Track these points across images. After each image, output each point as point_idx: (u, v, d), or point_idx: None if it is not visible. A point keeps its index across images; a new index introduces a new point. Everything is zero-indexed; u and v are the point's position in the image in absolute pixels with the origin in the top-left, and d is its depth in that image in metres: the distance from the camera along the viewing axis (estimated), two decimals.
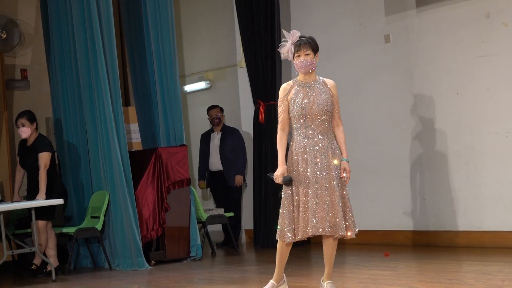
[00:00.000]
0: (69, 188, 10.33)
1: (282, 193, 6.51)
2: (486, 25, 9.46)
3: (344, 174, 6.38)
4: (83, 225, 9.89)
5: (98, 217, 9.78)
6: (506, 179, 9.25)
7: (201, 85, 13.27)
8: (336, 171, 6.34)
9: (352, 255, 9.65)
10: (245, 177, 12.12)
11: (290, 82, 6.60)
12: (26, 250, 9.42)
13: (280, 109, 6.60)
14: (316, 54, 6.51)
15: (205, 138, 11.94)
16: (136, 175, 9.97)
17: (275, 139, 11.13)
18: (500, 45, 9.33)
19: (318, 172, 6.33)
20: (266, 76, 11.44)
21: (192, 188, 10.42)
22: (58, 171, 10.12)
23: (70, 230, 9.73)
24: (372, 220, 10.49)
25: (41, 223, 9.33)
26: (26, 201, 9.58)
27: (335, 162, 6.33)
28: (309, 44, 6.47)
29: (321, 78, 6.56)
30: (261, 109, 11.45)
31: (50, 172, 9.49)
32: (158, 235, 10.00)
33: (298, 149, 6.45)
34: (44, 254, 9.44)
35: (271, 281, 6.72)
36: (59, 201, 9.24)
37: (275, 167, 11.17)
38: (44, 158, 9.42)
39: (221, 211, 11.03)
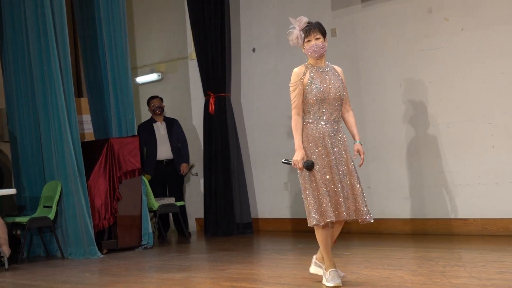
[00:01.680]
0: (21, 178, 10.24)
1: (301, 179, 6.24)
2: (429, 19, 9.52)
3: (360, 156, 6.33)
4: (35, 215, 9.75)
5: (51, 207, 9.67)
6: (447, 168, 9.33)
7: (153, 77, 13.22)
8: (351, 155, 6.25)
9: (300, 243, 9.67)
10: (192, 166, 12.08)
11: (302, 66, 6.31)
12: None
13: (294, 94, 6.23)
14: (325, 38, 6.32)
15: (146, 128, 11.62)
16: (89, 165, 9.88)
17: (225, 130, 11.28)
18: (442, 39, 9.39)
19: (339, 157, 6.18)
20: (216, 68, 11.41)
21: (143, 177, 10.36)
22: None
23: (23, 219, 9.60)
24: None
25: None
26: None
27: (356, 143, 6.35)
28: (318, 28, 6.29)
29: (332, 65, 6.39)
30: (211, 100, 11.42)
31: None
32: (110, 224, 9.93)
33: (315, 134, 6.20)
34: None
35: (328, 271, 6.23)
36: (12, 191, 9.12)
37: (225, 157, 11.29)
38: None
39: (172, 200, 10.97)
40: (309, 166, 6.13)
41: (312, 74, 6.25)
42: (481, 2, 9.06)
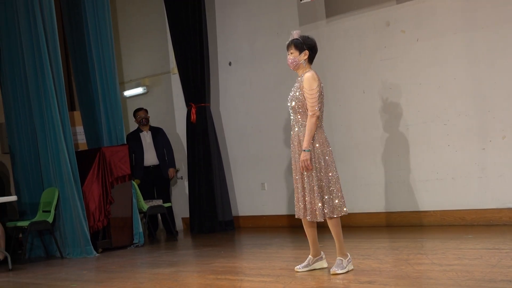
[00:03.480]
0: (22, 186, 10.18)
1: None
2: (387, 32, 9.55)
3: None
4: (35, 219, 9.69)
5: (49, 211, 9.62)
6: (407, 166, 9.36)
7: (139, 90, 13.17)
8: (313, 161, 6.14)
9: (277, 237, 9.66)
10: (177, 170, 12.06)
11: None
12: None
13: None
14: (304, 52, 6.29)
15: (134, 137, 11.60)
16: (83, 172, 9.83)
17: (206, 137, 11.28)
18: (399, 49, 9.43)
19: (296, 161, 6.22)
20: (196, 81, 11.39)
21: (133, 182, 10.32)
22: None
23: (24, 223, 9.53)
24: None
25: None
26: None
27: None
28: (293, 43, 6.31)
29: (306, 72, 6.28)
30: (193, 110, 11.40)
31: None
32: (104, 225, 9.88)
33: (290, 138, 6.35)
34: None
35: (309, 256, 6.45)
36: (13, 198, 9.08)
37: (207, 161, 11.28)
38: None
39: (160, 202, 10.93)
40: None
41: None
42: (433, 15, 9.11)
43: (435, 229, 8.78)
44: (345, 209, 6.25)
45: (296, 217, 6.38)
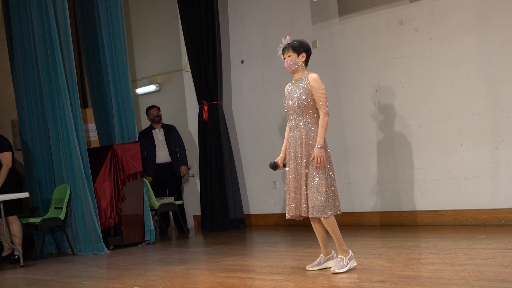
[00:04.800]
0: (33, 182, 10.22)
1: None
2: (400, 30, 9.52)
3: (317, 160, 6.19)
4: (47, 216, 9.72)
5: (61, 208, 9.64)
6: (420, 165, 9.32)
7: (151, 88, 13.17)
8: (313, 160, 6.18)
9: (288, 236, 9.64)
10: (189, 168, 12.06)
11: (291, 82, 6.52)
12: None
13: None
14: (301, 54, 6.38)
15: (146, 135, 11.57)
16: (95, 169, 9.84)
17: (218, 134, 11.27)
18: (412, 48, 9.39)
19: (297, 161, 6.28)
20: (208, 79, 11.37)
21: (145, 179, 10.32)
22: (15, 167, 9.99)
23: (36, 220, 9.56)
24: None
25: (12, 216, 9.26)
26: None
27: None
28: (291, 47, 6.39)
29: (308, 74, 6.36)
30: (205, 108, 11.38)
31: (11, 169, 9.42)
32: (116, 223, 9.90)
33: (287, 139, 6.42)
34: (12, 243, 9.30)
35: (320, 254, 6.49)
36: (25, 195, 9.11)
37: (218, 159, 11.27)
38: (6, 158, 9.31)
39: (171, 199, 10.93)
40: (270, 166, 6.56)
41: (288, 88, 6.46)
42: (447, 13, 9.07)
43: (447, 229, 8.74)
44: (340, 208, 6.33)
45: (289, 217, 6.39)
